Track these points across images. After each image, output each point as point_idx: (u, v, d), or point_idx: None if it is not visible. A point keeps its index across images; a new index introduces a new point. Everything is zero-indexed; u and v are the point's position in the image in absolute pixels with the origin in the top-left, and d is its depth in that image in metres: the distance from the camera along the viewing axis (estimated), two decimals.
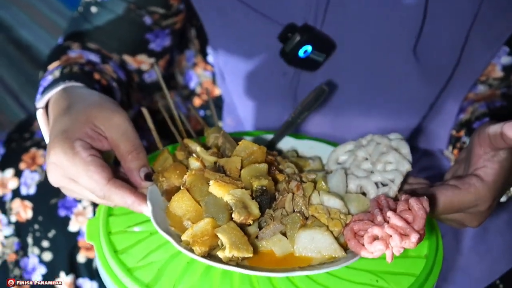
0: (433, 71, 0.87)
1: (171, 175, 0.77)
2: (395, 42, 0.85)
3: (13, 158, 0.95)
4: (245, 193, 0.72)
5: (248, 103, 0.95)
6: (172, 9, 0.96)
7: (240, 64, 0.91)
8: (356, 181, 0.79)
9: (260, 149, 0.76)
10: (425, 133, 0.97)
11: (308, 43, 0.84)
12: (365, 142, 0.82)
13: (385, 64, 0.87)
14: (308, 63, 0.87)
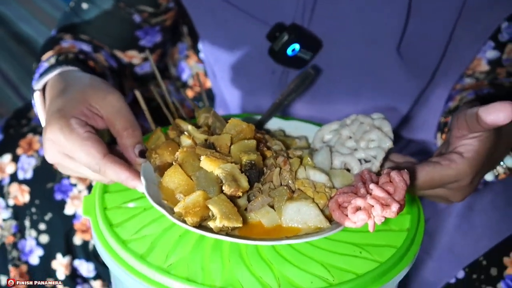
0: (418, 66, 0.91)
1: (164, 152, 0.80)
2: (379, 38, 0.89)
3: (10, 143, 0.99)
4: (235, 167, 0.75)
5: (239, 99, 0.98)
6: (161, 7, 0.99)
7: (231, 62, 0.95)
8: (340, 158, 0.82)
9: (248, 127, 0.80)
10: (413, 122, 1.01)
11: (295, 41, 0.87)
12: (349, 122, 0.86)
13: (371, 60, 0.91)
14: (295, 61, 0.90)
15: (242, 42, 0.92)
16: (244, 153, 0.77)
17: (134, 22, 0.99)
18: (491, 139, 0.74)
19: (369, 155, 0.82)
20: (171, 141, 0.82)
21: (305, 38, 0.88)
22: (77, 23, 0.97)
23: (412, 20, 0.87)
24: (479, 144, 0.74)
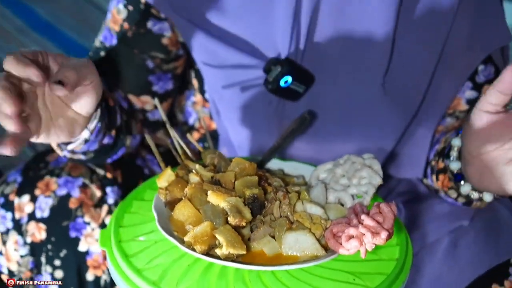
0: (402, 103, 1.00)
1: (174, 188, 0.89)
2: (365, 76, 0.98)
3: (29, 185, 1.06)
4: (239, 200, 0.83)
5: (240, 133, 1.07)
6: (171, 54, 1.09)
7: (232, 98, 1.03)
8: (335, 193, 0.91)
9: (251, 165, 0.88)
10: (400, 160, 1.09)
11: (288, 74, 0.96)
12: (342, 161, 0.95)
13: (358, 98, 1.00)
14: (289, 93, 0.99)
15: (241, 78, 1.01)
16: (247, 188, 0.85)
17: (147, 67, 1.07)
18: None
19: (360, 191, 0.90)
20: (180, 179, 0.90)
21: (297, 71, 0.96)
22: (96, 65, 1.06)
23: (395, 59, 0.96)
24: None
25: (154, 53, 1.06)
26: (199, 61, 1.04)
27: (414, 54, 0.96)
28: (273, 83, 0.95)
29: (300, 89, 0.98)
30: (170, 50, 1.06)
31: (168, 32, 1.05)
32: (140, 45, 1.03)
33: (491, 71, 1.00)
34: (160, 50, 1.06)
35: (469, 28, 0.94)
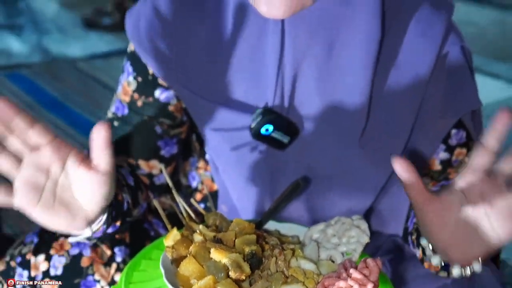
0: (380, 163, 1.07)
1: (180, 247, 0.97)
2: (344, 137, 1.04)
3: (45, 246, 1.15)
4: (239, 256, 0.92)
5: (236, 184, 1.14)
6: (176, 120, 1.16)
7: (228, 152, 1.10)
8: (326, 251, 1.00)
9: (250, 225, 0.98)
10: (383, 215, 1.17)
11: (269, 123, 1.02)
12: (333, 222, 1.04)
13: (338, 155, 1.07)
14: (273, 142, 1.04)
15: (235, 133, 1.08)
16: (246, 245, 0.94)
17: (156, 133, 1.15)
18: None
19: (350, 249, 0.99)
20: (186, 238, 0.99)
21: (279, 121, 1.02)
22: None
23: (371, 123, 1.04)
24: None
25: (162, 119, 1.14)
26: (200, 123, 1.14)
27: (389, 119, 1.03)
28: (255, 128, 1.02)
29: (284, 139, 1.05)
30: (176, 116, 1.15)
31: (173, 99, 1.14)
32: (149, 113, 1.14)
33: (463, 135, 1.09)
34: (167, 116, 1.14)
35: (442, 94, 1.03)
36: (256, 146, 1.08)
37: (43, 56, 3.28)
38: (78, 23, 3.75)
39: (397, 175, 1.02)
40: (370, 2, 0.96)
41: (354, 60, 0.99)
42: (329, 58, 0.99)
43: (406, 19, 1.01)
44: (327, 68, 1.00)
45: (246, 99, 1.06)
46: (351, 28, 0.98)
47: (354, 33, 0.98)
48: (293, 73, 1.01)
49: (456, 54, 1.01)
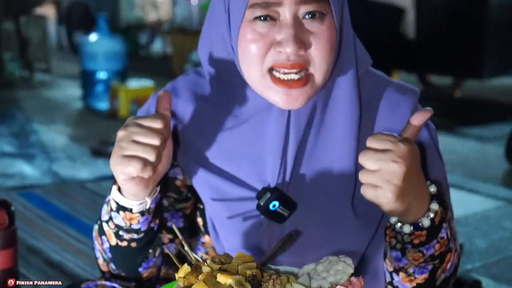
0: (366, 221, 1.26)
1: (190, 277, 1.13)
2: (337, 201, 1.24)
3: None
4: (242, 278, 1.08)
5: (236, 250, 1.24)
6: (182, 195, 1.28)
7: (229, 221, 1.24)
8: (317, 282, 1.16)
9: (250, 257, 1.14)
10: (368, 267, 1.32)
11: (276, 199, 1.16)
12: (322, 261, 1.21)
13: (332, 218, 1.22)
14: (276, 216, 1.19)
15: (238, 205, 1.21)
16: (248, 269, 1.10)
17: (163, 205, 1.27)
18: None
19: (337, 278, 1.15)
20: (195, 270, 1.15)
21: (283, 198, 1.17)
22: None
23: (358, 187, 1.23)
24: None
25: (169, 193, 1.27)
26: (203, 195, 1.26)
27: None
28: (264, 206, 1.17)
29: (285, 213, 1.20)
30: (181, 191, 1.28)
31: (180, 175, 1.28)
32: (160, 189, 1.23)
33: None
34: (173, 191, 1.27)
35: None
36: (255, 216, 1.25)
37: (54, 179, 3.51)
38: (86, 153, 4.03)
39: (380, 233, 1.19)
40: (349, 91, 1.17)
41: (340, 135, 1.18)
42: (319, 136, 1.19)
43: (377, 101, 1.22)
44: (319, 144, 1.19)
45: (246, 175, 1.22)
46: (336, 110, 1.18)
47: (338, 114, 1.18)
48: (294, 154, 1.18)
49: (423, 131, 1.18)
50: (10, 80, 6.46)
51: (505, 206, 3.11)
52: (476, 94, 6.10)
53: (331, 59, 1.10)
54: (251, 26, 1.06)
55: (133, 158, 1.02)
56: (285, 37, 1.05)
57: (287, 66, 1.06)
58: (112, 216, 1.12)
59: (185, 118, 1.21)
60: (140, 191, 1.08)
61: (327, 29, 1.07)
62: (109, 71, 5.38)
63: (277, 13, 1.05)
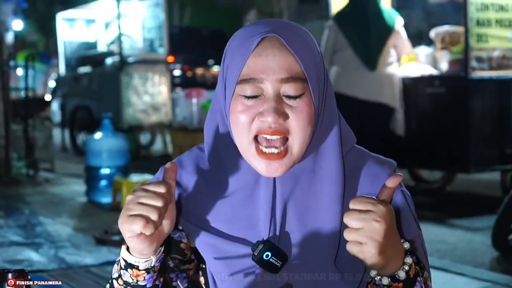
0: (348, 278, 1.33)
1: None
2: (322, 258, 1.32)
3: None
4: None
5: None
6: (186, 257, 1.39)
7: (231, 279, 1.35)
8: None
9: None
10: None
11: (268, 250, 1.29)
12: None
13: (318, 273, 1.31)
14: (269, 266, 1.30)
15: (237, 262, 1.33)
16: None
17: (169, 266, 1.38)
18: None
19: None
20: None
21: (275, 249, 1.30)
22: None
23: (343, 241, 1.39)
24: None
25: (173, 255, 1.38)
26: (205, 255, 1.37)
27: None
28: (258, 256, 1.30)
29: (277, 264, 1.32)
30: (186, 253, 1.40)
31: (184, 239, 1.40)
32: (164, 249, 1.34)
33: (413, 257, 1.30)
34: (178, 253, 1.39)
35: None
36: (253, 272, 1.42)
37: (60, 264, 3.67)
38: (90, 241, 4.19)
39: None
40: (335, 161, 1.34)
41: (326, 199, 1.34)
42: (307, 199, 1.35)
43: (359, 171, 1.39)
44: (306, 207, 1.36)
45: (243, 235, 1.41)
46: (323, 177, 1.34)
47: (324, 182, 1.35)
48: (282, 213, 1.35)
49: (398, 196, 1.35)
50: (16, 177, 6.73)
51: (490, 287, 3.25)
52: (465, 188, 6.34)
53: (308, 130, 1.25)
54: (240, 100, 1.24)
55: (137, 216, 1.15)
56: (267, 108, 1.22)
57: (268, 133, 1.22)
58: (121, 273, 1.23)
59: (188, 187, 1.37)
60: (145, 248, 1.19)
61: (305, 105, 1.24)
62: (113, 167, 5.65)
63: (262, 89, 1.24)
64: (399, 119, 5.60)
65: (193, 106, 6.24)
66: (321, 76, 1.30)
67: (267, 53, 1.23)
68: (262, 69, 1.23)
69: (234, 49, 1.27)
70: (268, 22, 1.29)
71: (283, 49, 1.24)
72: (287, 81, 1.23)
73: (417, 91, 5.54)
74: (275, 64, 1.23)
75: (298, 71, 1.25)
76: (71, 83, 10.52)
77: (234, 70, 1.26)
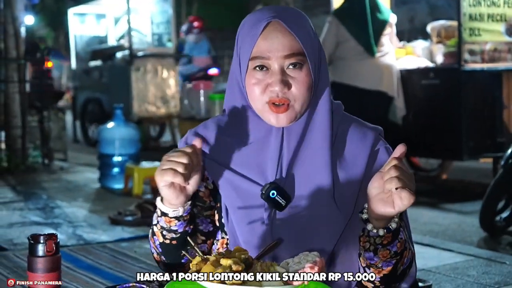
0: (343, 210, 1.57)
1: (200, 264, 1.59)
2: (321, 196, 1.56)
3: None
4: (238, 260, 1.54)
5: (245, 236, 1.60)
6: (206, 204, 1.66)
7: (240, 212, 1.60)
8: (293, 268, 1.61)
9: (244, 250, 1.60)
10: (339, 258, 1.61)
11: (273, 189, 1.55)
12: (297, 256, 1.66)
13: (318, 209, 1.56)
14: (275, 203, 1.56)
15: (247, 197, 1.58)
16: (242, 255, 1.56)
17: (194, 212, 1.63)
18: None
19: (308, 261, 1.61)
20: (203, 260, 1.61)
21: (280, 189, 1.56)
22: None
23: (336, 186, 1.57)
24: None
25: (196, 202, 1.65)
26: (222, 189, 1.61)
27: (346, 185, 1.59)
28: (265, 194, 1.56)
29: (282, 202, 1.57)
30: (205, 200, 1.65)
31: (202, 188, 1.65)
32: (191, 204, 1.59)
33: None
34: (199, 200, 1.66)
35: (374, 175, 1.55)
36: (264, 222, 1.60)
37: (78, 241, 3.99)
38: (105, 222, 4.50)
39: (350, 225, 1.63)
40: (325, 117, 1.59)
41: (318, 149, 1.59)
42: (304, 148, 1.60)
43: (347, 128, 1.63)
44: (304, 154, 1.60)
45: (255, 177, 1.61)
46: (316, 134, 1.59)
47: (317, 133, 1.59)
48: (287, 162, 1.60)
49: (382, 151, 1.62)
50: (33, 166, 7.06)
51: (473, 260, 3.53)
52: (459, 176, 6.62)
53: (307, 95, 1.53)
54: (253, 74, 1.53)
55: (168, 169, 1.42)
56: (274, 80, 1.50)
57: (276, 100, 1.51)
58: (158, 220, 1.51)
59: (211, 142, 1.62)
60: (173, 199, 1.46)
61: (304, 75, 1.52)
62: (124, 155, 5.96)
63: (269, 65, 1.51)
64: (398, 107, 5.86)
65: (200, 97, 6.54)
66: (315, 50, 1.58)
67: (272, 36, 1.52)
68: (269, 49, 1.53)
69: (245, 33, 1.58)
70: (271, 8, 1.58)
71: (285, 31, 1.52)
72: (289, 56, 1.53)
73: (413, 83, 5.81)
74: (279, 44, 1.51)
75: (298, 48, 1.54)
76: (82, 77, 10.83)
77: (246, 50, 1.55)
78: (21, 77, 7.19)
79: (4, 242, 3.99)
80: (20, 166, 6.93)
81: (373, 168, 1.59)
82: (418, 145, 5.81)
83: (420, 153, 6.10)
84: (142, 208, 4.45)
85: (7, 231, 4.29)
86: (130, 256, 3.60)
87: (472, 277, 3.26)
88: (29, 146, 7.25)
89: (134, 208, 4.48)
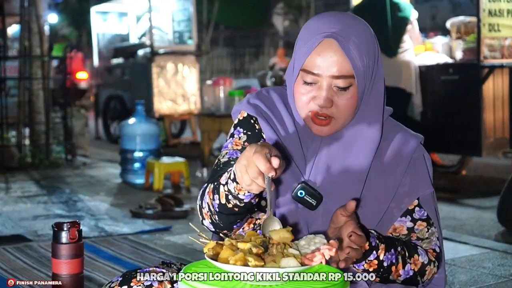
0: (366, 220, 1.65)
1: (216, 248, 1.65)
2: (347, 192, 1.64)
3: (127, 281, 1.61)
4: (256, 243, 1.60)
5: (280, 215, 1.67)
6: None
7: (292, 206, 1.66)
8: (302, 251, 1.67)
9: (258, 234, 1.66)
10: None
11: (301, 189, 1.61)
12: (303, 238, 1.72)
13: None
14: (305, 203, 1.63)
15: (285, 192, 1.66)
16: (258, 239, 1.62)
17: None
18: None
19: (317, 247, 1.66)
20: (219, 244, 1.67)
21: (309, 189, 1.62)
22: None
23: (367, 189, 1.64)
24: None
25: None
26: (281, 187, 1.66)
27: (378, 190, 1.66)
28: (295, 193, 1.63)
29: (312, 202, 1.64)
30: None
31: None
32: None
33: (424, 213, 1.68)
34: None
35: (409, 183, 1.66)
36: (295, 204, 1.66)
37: (100, 233, 4.08)
38: (127, 215, 4.59)
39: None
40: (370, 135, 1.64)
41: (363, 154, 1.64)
42: (343, 156, 1.65)
43: (393, 136, 1.69)
44: (341, 162, 1.65)
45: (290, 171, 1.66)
46: (359, 145, 1.65)
47: (361, 146, 1.65)
48: (324, 164, 1.65)
49: (420, 159, 1.68)
50: (56, 161, 7.19)
51: (488, 252, 3.56)
52: (479, 172, 6.62)
53: (349, 112, 1.60)
54: (302, 84, 1.60)
55: (269, 165, 1.41)
56: (319, 96, 1.57)
57: (318, 114, 1.58)
58: (228, 182, 1.50)
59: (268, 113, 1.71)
60: (255, 189, 1.47)
61: (350, 96, 1.58)
62: (145, 150, 6.05)
63: (318, 80, 1.58)
64: (416, 104, 5.88)
65: (220, 93, 6.61)
66: (369, 70, 1.62)
67: (325, 54, 1.59)
68: (320, 66, 1.59)
69: (301, 43, 1.64)
70: (334, 21, 1.61)
71: (338, 51, 1.57)
72: (338, 77, 1.59)
73: (433, 79, 5.83)
74: (330, 63, 1.59)
75: (348, 69, 1.59)
76: (105, 74, 10.97)
77: (300, 59, 1.62)
78: (44, 74, 7.33)
79: (29, 233, 4.10)
80: (44, 161, 7.08)
81: (409, 175, 1.68)
82: (438, 141, 5.84)
83: (440, 149, 6.12)
84: (163, 202, 4.53)
85: (32, 223, 4.41)
86: (150, 247, 3.69)
87: (487, 269, 3.29)
88: (53, 142, 7.39)
89: (155, 201, 4.56)
